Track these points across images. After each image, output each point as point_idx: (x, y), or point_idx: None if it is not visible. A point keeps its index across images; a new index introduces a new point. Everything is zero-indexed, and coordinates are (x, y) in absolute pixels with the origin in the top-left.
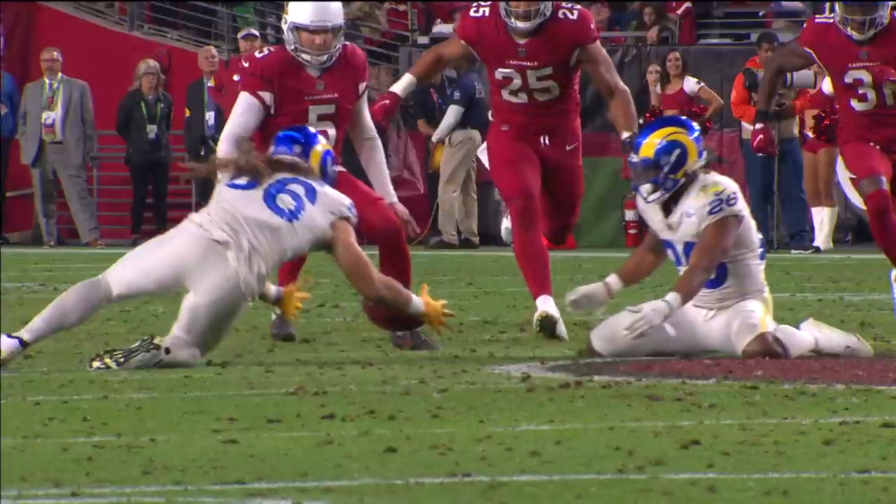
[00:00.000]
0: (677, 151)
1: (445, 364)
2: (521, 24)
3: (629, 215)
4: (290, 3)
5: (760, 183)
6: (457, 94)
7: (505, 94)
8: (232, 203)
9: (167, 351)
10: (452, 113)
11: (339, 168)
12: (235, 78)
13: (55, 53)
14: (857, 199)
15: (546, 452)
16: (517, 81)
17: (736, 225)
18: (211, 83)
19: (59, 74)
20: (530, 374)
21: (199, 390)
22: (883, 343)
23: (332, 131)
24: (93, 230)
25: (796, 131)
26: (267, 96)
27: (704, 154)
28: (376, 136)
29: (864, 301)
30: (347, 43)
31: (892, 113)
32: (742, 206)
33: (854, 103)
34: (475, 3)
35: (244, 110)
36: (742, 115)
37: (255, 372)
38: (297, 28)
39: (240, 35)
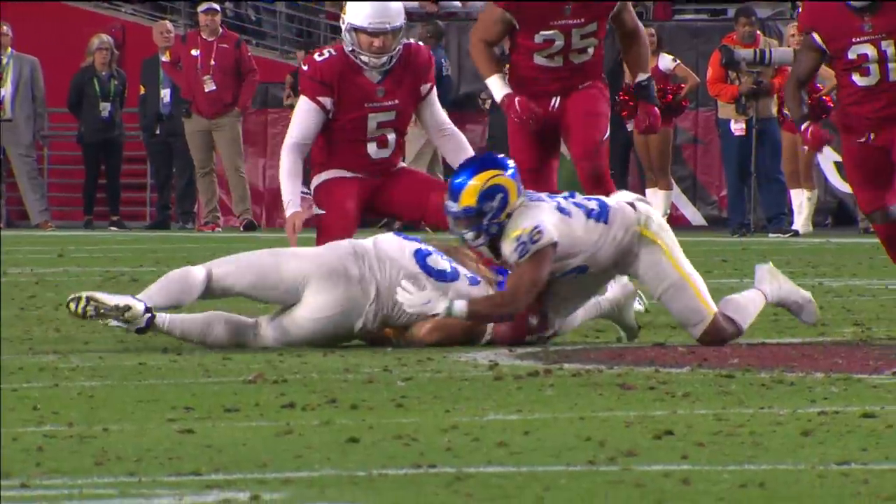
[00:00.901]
0: (500, 196)
1: (410, 352)
2: None
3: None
4: (349, 3)
5: (737, 164)
6: None
7: (538, 59)
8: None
9: (148, 323)
10: None
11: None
12: (194, 53)
13: (4, 28)
14: (838, 181)
15: (514, 443)
16: (559, 43)
17: (551, 252)
18: (166, 58)
19: (9, 50)
20: (498, 362)
21: (154, 378)
22: (863, 330)
23: (391, 136)
24: (43, 212)
25: (775, 111)
26: (327, 101)
27: (523, 190)
28: (453, 127)
29: (845, 286)
30: (411, 41)
31: (890, 88)
32: (550, 233)
33: (856, 77)
34: None
35: (305, 117)
36: (718, 93)
37: (212, 359)
38: (354, 29)
39: (200, 9)
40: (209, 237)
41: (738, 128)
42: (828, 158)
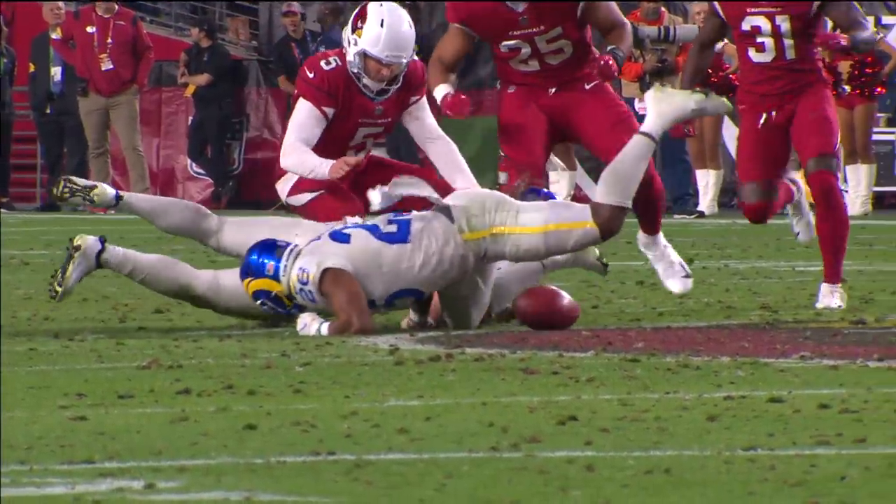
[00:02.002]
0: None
1: (308, 336)
2: None
3: (502, 178)
4: (365, 26)
5: None
6: (321, 50)
7: (514, 65)
8: None
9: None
10: None
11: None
12: (89, 30)
13: None
14: None
15: (415, 429)
16: (526, 50)
17: (336, 272)
18: (57, 36)
19: None
20: (399, 347)
21: (46, 364)
22: (770, 313)
23: (370, 142)
24: None
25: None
26: (330, 112)
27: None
28: (442, 133)
29: (751, 269)
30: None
31: (789, 67)
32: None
33: (752, 54)
34: None
35: (308, 123)
36: (622, 71)
37: (106, 344)
38: (366, 55)
39: None
40: (101, 219)
41: (642, 106)
42: (734, 138)
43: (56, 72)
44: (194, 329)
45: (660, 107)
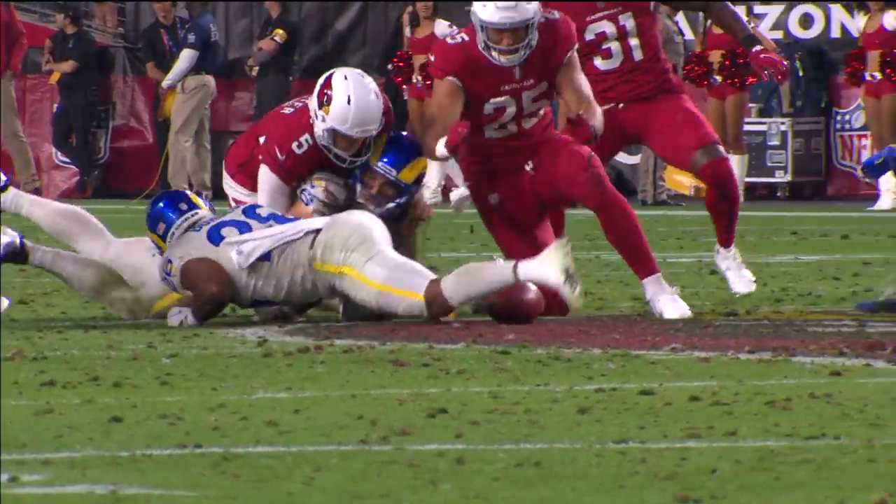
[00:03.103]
0: None
1: (175, 327)
2: (505, 59)
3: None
4: (332, 103)
5: None
6: (191, 38)
7: (489, 132)
8: None
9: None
10: (186, 58)
11: None
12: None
13: None
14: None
15: (283, 422)
16: (511, 109)
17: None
18: None
19: None
20: (267, 339)
21: None
22: (641, 305)
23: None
24: None
25: None
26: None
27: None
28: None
29: (622, 261)
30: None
31: (639, 68)
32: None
33: (598, 62)
34: (449, 34)
35: (279, 199)
36: None
37: None
38: (335, 132)
39: None
40: None
41: None
42: None
43: None
44: (59, 320)
45: (543, 260)
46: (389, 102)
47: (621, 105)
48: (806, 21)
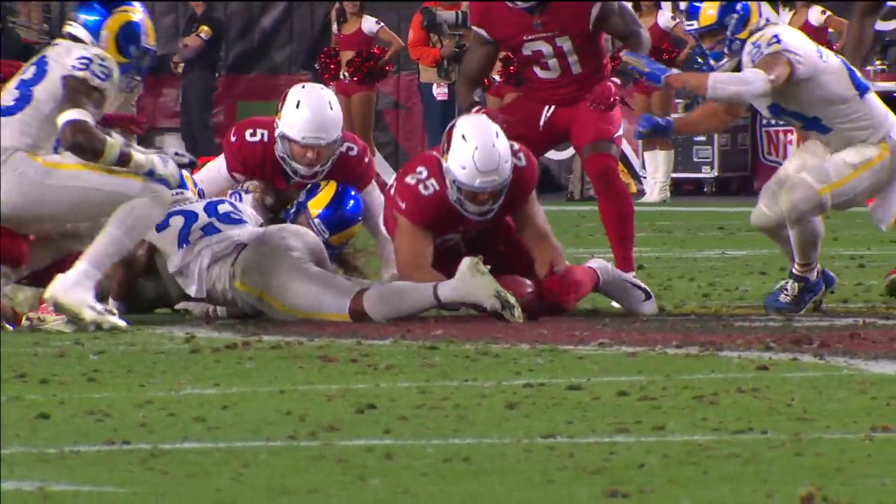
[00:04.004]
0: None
1: (106, 320)
2: (478, 216)
3: None
4: (283, 109)
5: (440, 129)
6: None
7: (537, 71)
8: None
9: None
10: None
11: None
12: None
13: None
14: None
15: (211, 418)
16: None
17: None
18: None
19: None
20: (195, 335)
21: None
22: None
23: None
24: None
25: None
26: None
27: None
28: None
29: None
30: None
31: (577, 79)
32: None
33: (537, 70)
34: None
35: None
36: (420, 56)
37: None
38: (286, 138)
39: None
40: None
41: (440, 92)
42: None
43: None
44: None
45: (465, 282)
46: (370, 162)
47: (553, 108)
48: None
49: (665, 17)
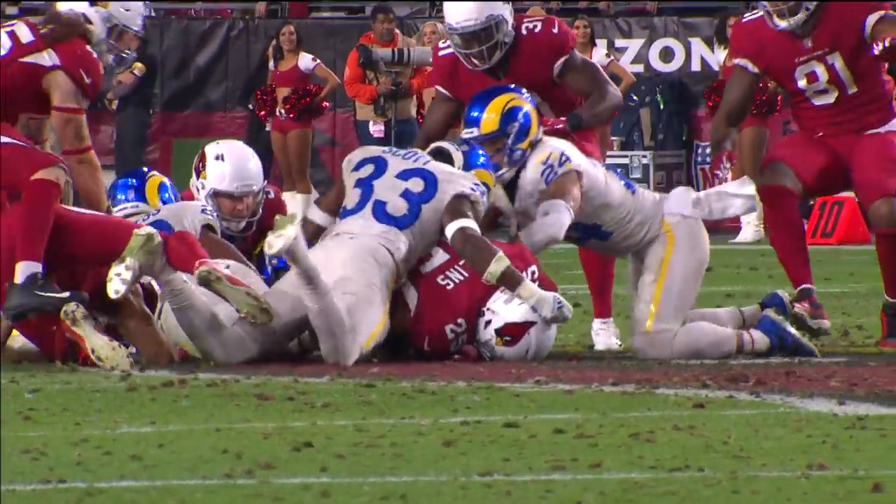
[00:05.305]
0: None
1: (38, 361)
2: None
3: None
4: (207, 166)
5: None
6: None
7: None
8: None
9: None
10: None
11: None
12: None
13: None
14: None
15: (148, 456)
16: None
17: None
18: None
19: None
20: (131, 373)
21: None
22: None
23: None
24: None
25: (414, 112)
26: None
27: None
28: None
29: None
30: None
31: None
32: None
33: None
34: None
35: None
36: (356, 94)
37: None
38: (216, 194)
39: None
40: None
41: (376, 129)
42: None
43: None
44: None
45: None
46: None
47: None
48: (667, 54)
49: (600, 55)
